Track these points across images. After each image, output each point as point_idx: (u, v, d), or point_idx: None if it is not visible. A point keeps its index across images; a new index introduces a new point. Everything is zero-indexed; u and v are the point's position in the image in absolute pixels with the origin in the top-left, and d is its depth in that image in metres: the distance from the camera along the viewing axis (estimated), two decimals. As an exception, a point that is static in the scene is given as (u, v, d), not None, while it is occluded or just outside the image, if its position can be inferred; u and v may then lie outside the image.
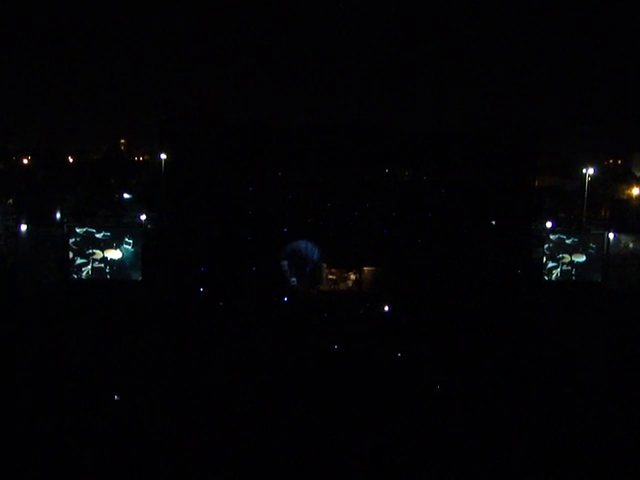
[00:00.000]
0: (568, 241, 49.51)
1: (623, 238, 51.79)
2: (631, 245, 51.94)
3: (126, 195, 64.40)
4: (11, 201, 60.82)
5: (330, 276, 50.18)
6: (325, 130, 49.22)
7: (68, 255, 46.69)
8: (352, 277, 50.26)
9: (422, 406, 29.77)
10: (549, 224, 52.23)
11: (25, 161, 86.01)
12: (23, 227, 48.33)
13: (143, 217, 53.11)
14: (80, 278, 46.69)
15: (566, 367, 34.70)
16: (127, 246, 46.79)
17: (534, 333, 40.78)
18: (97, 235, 46.78)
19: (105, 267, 46.86)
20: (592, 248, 49.70)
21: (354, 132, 48.84)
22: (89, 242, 46.67)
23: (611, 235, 50.93)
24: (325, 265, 50.07)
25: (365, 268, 49.62)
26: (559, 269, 49.30)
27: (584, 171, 58.01)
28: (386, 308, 45.26)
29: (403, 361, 36.00)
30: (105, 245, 46.79)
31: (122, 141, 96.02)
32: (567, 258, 49.38)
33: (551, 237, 49.51)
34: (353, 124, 50.58)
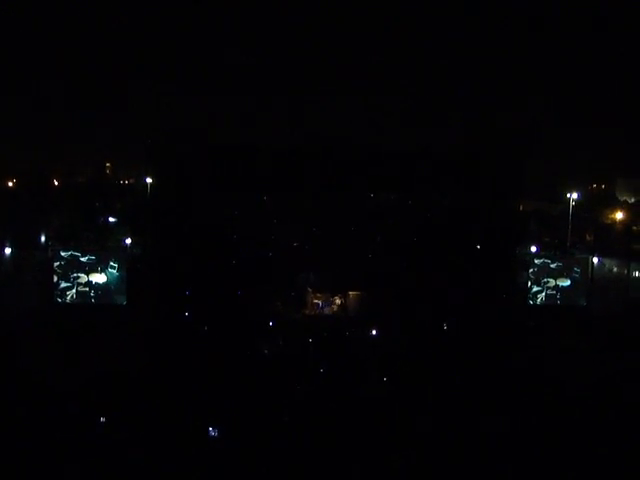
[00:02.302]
0: (553, 265, 49.61)
1: (607, 262, 52.08)
2: (615, 269, 52.20)
3: (111, 218, 64.31)
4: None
5: (315, 300, 50.11)
6: (310, 153, 49.25)
7: (52, 278, 46.42)
8: (337, 301, 50.21)
9: (409, 430, 29.71)
10: (534, 248, 52.39)
11: (9, 183, 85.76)
12: (7, 250, 48.14)
13: (128, 241, 52.97)
14: (64, 302, 46.39)
15: (552, 391, 34.69)
16: (112, 270, 46.55)
17: (519, 357, 40.78)
18: (82, 259, 46.51)
19: (90, 291, 46.57)
20: (577, 272, 49.82)
21: (339, 155, 48.89)
22: (74, 266, 46.40)
23: (595, 259, 51.13)
24: (310, 289, 50.03)
25: (350, 292, 49.64)
26: (544, 293, 49.38)
27: (568, 196, 58.45)
28: (373, 332, 45.18)
29: (389, 385, 35.95)
30: (90, 269, 46.50)
31: (107, 164, 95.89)
32: (552, 282, 49.47)
33: (536, 261, 49.62)
34: (338, 147, 50.63)
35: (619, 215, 73.41)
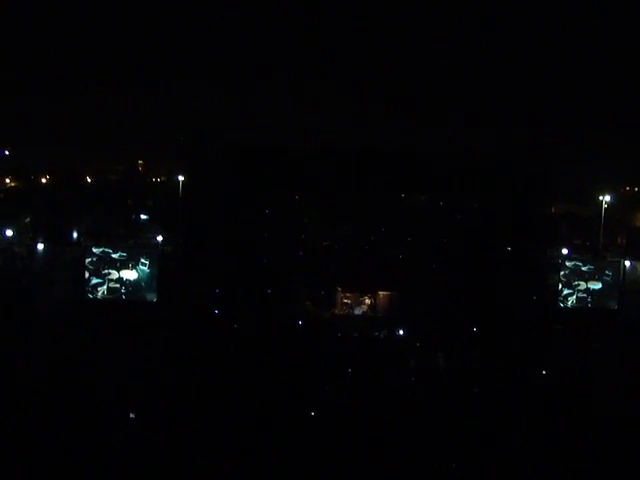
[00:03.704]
0: (584, 268, 49.30)
1: (639, 266, 51.58)
2: (647, 273, 51.71)
3: (143, 216, 64.72)
4: (28, 220, 61.20)
5: (345, 300, 50.16)
6: (341, 154, 49.34)
7: (84, 275, 46.80)
8: (367, 301, 50.21)
9: (436, 430, 29.65)
10: (565, 251, 52.12)
11: (43, 180, 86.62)
12: (40, 246, 48.56)
13: (159, 238, 53.31)
14: (96, 298, 46.75)
15: (581, 395, 34.48)
16: (143, 267, 46.84)
17: (549, 360, 40.57)
18: (113, 255, 46.85)
19: (121, 287, 46.92)
20: (608, 275, 49.46)
21: (371, 156, 48.93)
22: (105, 262, 46.76)
23: (627, 262, 50.72)
24: (340, 289, 50.08)
25: (380, 292, 49.62)
26: (575, 296, 49.08)
27: (600, 198, 57.94)
28: (401, 332, 45.12)
29: (417, 385, 35.89)
30: (121, 265, 46.84)
31: (140, 162, 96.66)
32: (583, 285, 49.16)
33: (567, 264, 49.33)
34: (370, 148, 50.70)
35: (652, 218, 72.74)
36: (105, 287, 46.86)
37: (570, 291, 49.03)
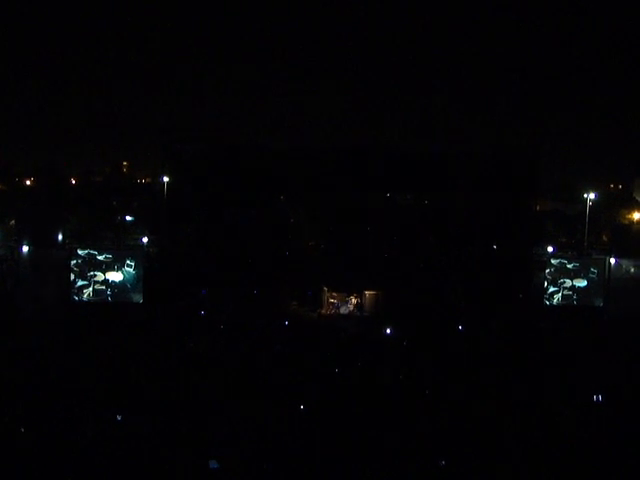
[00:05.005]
0: (569, 266, 49.47)
1: (624, 263, 51.77)
2: (632, 270, 51.91)
3: (128, 217, 64.48)
4: (12, 222, 60.85)
5: (331, 300, 50.14)
6: (326, 153, 49.39)
7: (69, 277, 46.59)
8: (353, 301, 50.21)
9: (423, 428, 29.66)
10: (550, 248, 52.23)
11: (28, 182, 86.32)
12: (24, 248, 48.30)
13: (145, 239, 53.11)
14: (81, 300, 46.56)
15: (568, 392, 34.57)
16: (129, 268, 46.67)
17: (535, 358, 40.64)
18: (99, 257, 46.67)
19: (106, 289, 46.76)
20: (593, 273, 49.68)
21: (355, 155, 48.97)
22: (90, 264, 46.58)
23: (612, 260, 50.89)
24: (326, 289, 50.06)
25: (366, 292, 49.62)
26: (560, 294, 49.24)
27: (585, 196, 58.07)
28: (388, 331, 45.08)
29: (405, 383, 35.88)
30: (107, 267, 46.65)
31: (125, 163, 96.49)
32: (568, 283, 49.31)
33: (552, 261, 49.49)
34: (354, 147, 50.75)
35: (636, 215, 73.03)
36: (91, 289, 46.70)
37: (556, 289, 49.19)
